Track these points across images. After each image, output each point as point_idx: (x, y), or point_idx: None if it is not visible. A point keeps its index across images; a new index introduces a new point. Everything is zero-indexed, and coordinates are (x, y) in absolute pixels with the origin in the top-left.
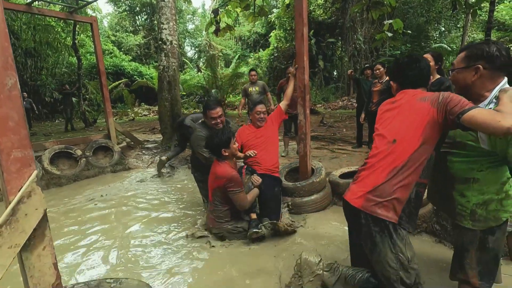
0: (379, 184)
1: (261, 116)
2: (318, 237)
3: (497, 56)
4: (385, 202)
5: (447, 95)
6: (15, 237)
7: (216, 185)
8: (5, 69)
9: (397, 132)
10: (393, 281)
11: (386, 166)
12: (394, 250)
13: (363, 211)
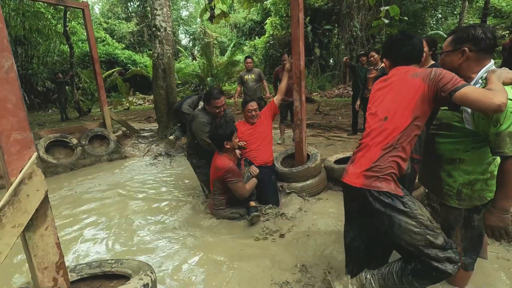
0: (375, 160)
1: (253, 113)
2: (320, 216)
3: (483, 39)
4: (384, 175)
5: (439, 71)
6: (18, 217)
7: (216, 176)
8: (1, 51)
9: (388, 109)
10: (424, 247)
11: (379, 142)
12: (412, 214)
13: (366, 189)
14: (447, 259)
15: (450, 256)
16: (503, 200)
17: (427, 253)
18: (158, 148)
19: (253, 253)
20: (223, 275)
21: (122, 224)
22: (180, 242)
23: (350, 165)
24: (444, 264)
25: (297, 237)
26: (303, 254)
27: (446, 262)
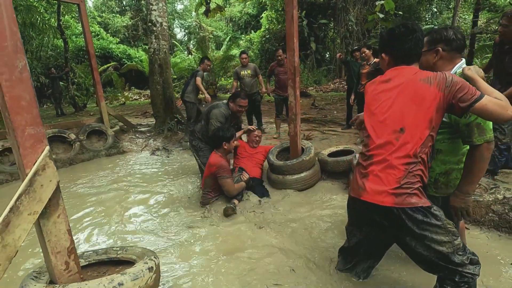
0: (403, 177)
1: (257, 139)
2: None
3: (454, 39)
4: (414, 191)
5: (455, 80)
6: (33, 205)
7: (209, 172)
8: (15, 52)
9: (402, 118)
10: (452, 253)
11: (401, 157)
12: (443, 226)
13: (400, 208)
14: (470, 260)
15: (470, 257)
16: (468, 185)
17: (453, 260)
18: (156, 143)
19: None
20: (223, 263)
21: (121, 216)
22: (182, 228)
23: (364, 179)
24: (468, 267)
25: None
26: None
27: (469, 265)
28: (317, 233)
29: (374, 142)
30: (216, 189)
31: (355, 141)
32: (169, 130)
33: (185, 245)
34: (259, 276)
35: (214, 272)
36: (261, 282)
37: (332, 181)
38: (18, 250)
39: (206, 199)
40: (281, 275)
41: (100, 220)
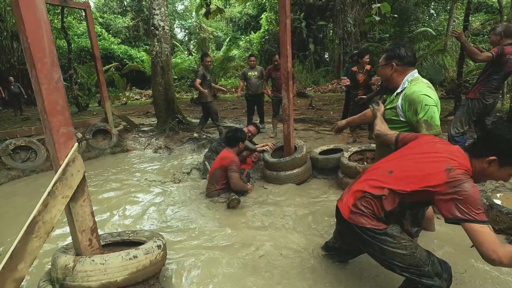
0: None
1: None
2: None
3: (405, 56)
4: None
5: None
6: (65, 190)
7: (220, 164)
8: (52, 66)
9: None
10: (412, 266)
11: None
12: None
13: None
14: (436, 274)
15: (437, 271)
16: None
17: (414, 273)
18: (158, 142)
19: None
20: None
21: (127, 210)
22: (190, 214)
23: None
24: (434, 279)
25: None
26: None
27: (435, 277)
28: (307, 222)
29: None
30: (221, 182)
31: (347, 140)
32: (170, 130)
33: (189, 233)
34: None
35: (216, 257)
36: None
37: (322, 177)
38: (53, 226)
39: (211, 191)
40: (273, 257)
41: (107, 214)
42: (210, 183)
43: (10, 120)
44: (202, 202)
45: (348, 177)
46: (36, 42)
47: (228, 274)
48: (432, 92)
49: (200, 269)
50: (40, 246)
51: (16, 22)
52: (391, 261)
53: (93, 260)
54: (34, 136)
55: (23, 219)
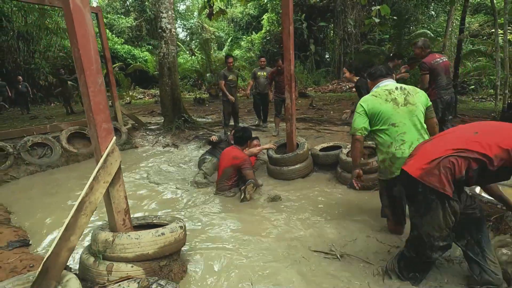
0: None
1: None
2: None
3: (373, 73)
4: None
5: None
6: (106, 176)
7: (231, 163)
8: (97, 73)
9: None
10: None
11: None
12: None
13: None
14: (439, 248)
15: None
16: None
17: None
18: (165, 140)
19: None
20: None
21: (139, 202)
22: (196, 215)
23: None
24: (437, 252)
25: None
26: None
27: (438, 251)
28: (308, 213)
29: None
30: (233, 180)
31: (347, 138)
32: (177, 128)
33: (202, 222)
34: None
35: (229, 241)
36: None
37: (322, 172)
38: (96, 206)
39: (223, 186)
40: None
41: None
42: (220, 180)
43: (18, 119)
44: (212, 196)
45: (346, 171)
46: (85, 53)
47: (242, 265)
48: (369, 101)
49: (219, 261)
50: (87, 222)
51: (69, 36)
52: (425, 226)
53: (129, 235)
54: (50, 134)
55: (40, 209)
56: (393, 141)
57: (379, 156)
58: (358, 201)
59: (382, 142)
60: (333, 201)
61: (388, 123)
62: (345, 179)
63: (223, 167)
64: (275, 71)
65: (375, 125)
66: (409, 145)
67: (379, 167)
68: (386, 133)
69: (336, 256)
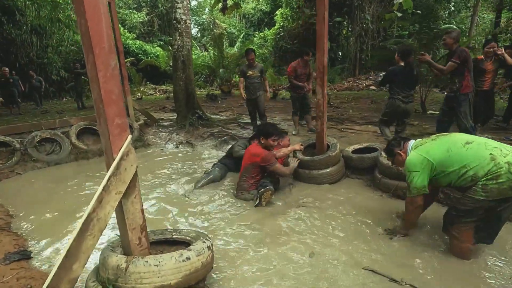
0: None
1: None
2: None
3: None
4: None
5: None
6: (119, 185)
7: (251, 161)
8: (110, 52)
9: None
10: None
11: None
12: None
13: None
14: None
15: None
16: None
17: None
18: (179, 137)
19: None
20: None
21: (152, 205)
22: (213, 221)
23: None
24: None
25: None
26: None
27: None
28: (352, 225)
29: None
30: (255, 177)
31: (373, 139)
32: (190, 125)
33: (227, 233)
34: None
35: (257, 253)
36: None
37: (356, 177)
38: (107, 224)
39: (244, 184)
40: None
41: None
42: (241, 177)
43: (30, 113)
44: (230, 201)
45: (388, 177)
46: (95, 26)
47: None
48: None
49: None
50: (94, 244)
51: (74, 5)
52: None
53: (147, 261)
54: (59, 129)
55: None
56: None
57: (499, 180)
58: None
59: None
60: (377, 211)
61: None
62: (386, 186)
63: (244, 163)
64: (299, 65)
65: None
66: None
67: (487, 188)
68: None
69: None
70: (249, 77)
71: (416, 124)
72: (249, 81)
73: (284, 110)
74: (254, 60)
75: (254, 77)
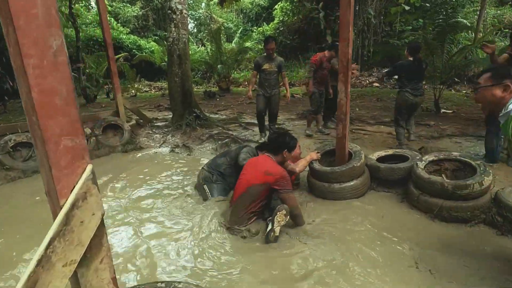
0: None
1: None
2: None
3: None
4: None
5: None
6: (70, 251)
7: (260, 181)
8: (49, 25)
9: None
10: None
11: None
12: None
13: None
14: None
15: None
16: None
17: None
18: (174, 139)
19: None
20: None
21: (138, 225)
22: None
23: None
24: None
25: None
26: None
27: None
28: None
29: None
30: (259, 204)
31: (389, 141)
32: (187, 126)
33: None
34: None
35: None
36: None
37: (383, 190)
38: None
39: (244, 214)
40: None
41: (118, 230)
42: (240, 203)
43: (17, 111)
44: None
45: (428, 194)
46: None
47: None
48: None
49: None
50: None
51: None
52: None
53: None
54: None
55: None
56: None
57: None
58: (458, 241)
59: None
60: (422, 238)
61: None
62: (427, 205)
63: (244, 182)
64: (325, 56)
65: None
66: None
67: None
68: None
69: None
70: (265, 71)
71: (433, 125)
72: (264, 77)
73: (286, 108)
74: (274, 51)
75: (271, 72)
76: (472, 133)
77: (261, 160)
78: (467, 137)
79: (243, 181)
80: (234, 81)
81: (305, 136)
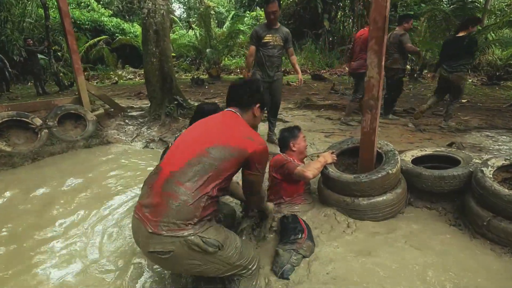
0: None
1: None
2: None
3: None
4: None
5: None
6: None
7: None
8: None
9: None
10: None
11: None
12: None
13: None
14: None
15: None
16: None
17: None
18: (150, 132)
19: None
20: None
21: (99, 240)
22: None
23: None
24: None
25: None
26: None
27: None
28: None
29: None
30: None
31: (407, 134)
32: (167, 116)
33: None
34: None
35: None
36: None
37: (424, 205)
38: None
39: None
40: None
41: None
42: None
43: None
44: None
45: (506, 218)
46: None
47: None
48: None
49: None
50: None
51: None
52: None
53: None
54: None
55: None
56: None
57: None
58: None
59: None
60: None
61: None
62: (505, 235)
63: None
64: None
65: None
66: None
67: None
68: None
69: None
70: (266, 45)
71: (453, 116)
72: (265, 52)
73: (283, 96)
74: (277, 17)
75: (275, 47)
76: (503, 126)
77: (226, 119)
78: (497, 130)
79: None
80: (225, 68)
81: (341, 123)
